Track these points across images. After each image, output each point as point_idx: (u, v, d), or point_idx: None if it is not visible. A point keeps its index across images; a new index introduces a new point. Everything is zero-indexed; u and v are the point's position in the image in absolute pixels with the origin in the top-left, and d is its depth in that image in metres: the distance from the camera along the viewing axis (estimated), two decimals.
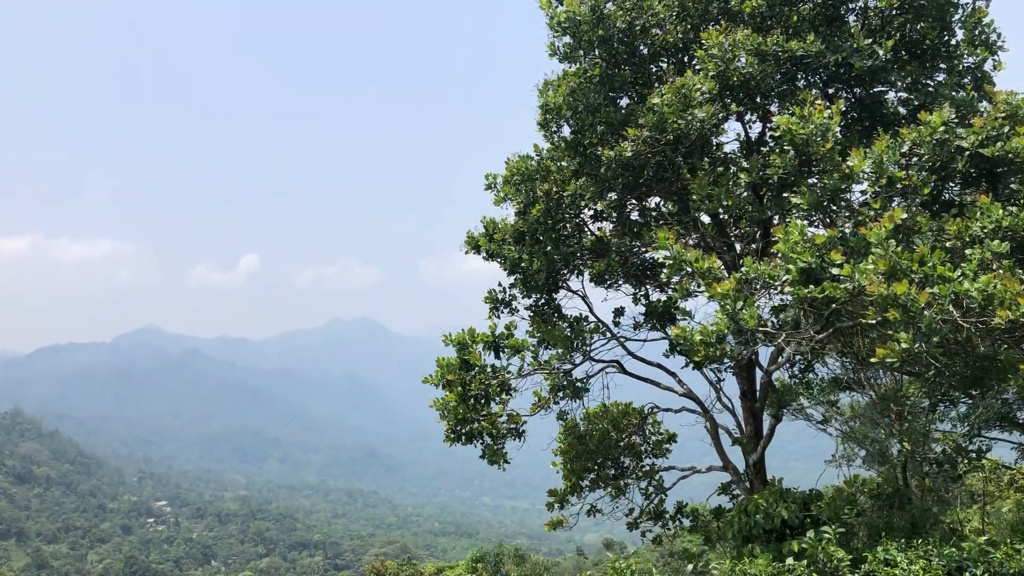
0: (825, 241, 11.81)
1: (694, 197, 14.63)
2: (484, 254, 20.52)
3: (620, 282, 21.08)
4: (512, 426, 19.47)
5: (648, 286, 21.35)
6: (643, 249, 19.78)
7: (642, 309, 21.28)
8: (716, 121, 14.84)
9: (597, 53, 16.75)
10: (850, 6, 15.87)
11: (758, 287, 12.40)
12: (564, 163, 18.02)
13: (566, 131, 17.74)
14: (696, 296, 21.27)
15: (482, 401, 18.98)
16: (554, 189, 17.83)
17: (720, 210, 15.29)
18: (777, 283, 12.04)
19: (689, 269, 12.52)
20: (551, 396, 19.84)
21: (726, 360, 16.62)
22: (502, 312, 20.81)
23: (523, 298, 20.89)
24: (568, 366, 19.84)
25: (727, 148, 18.25)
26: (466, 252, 20.58)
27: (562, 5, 16.89)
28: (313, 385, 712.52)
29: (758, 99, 15.26)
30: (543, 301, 20.72)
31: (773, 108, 15.74)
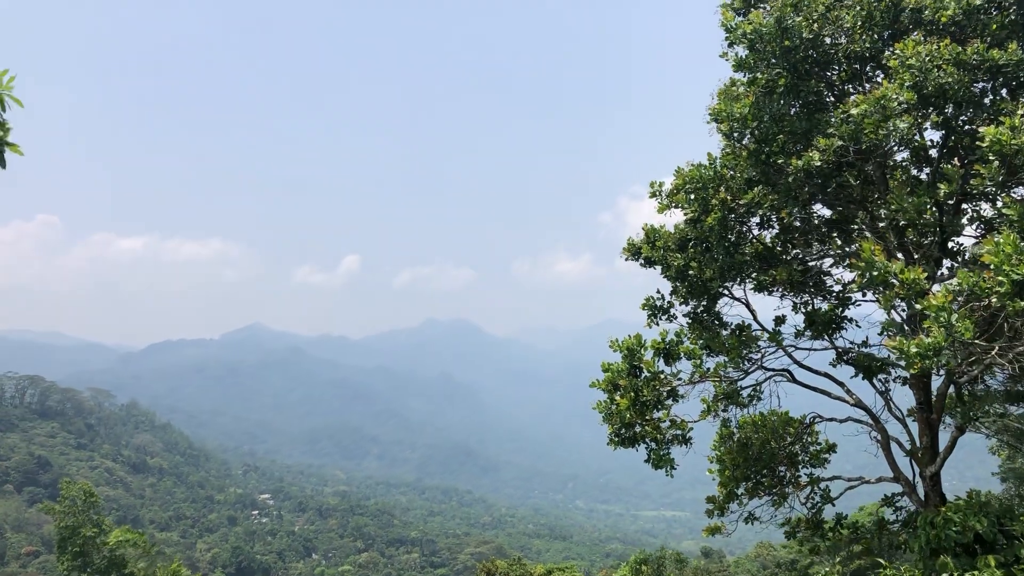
0: None
1: (892, 207, 14.51)
2: (642, 260, 20.72)
3: (780, 290, 20.89)
4: (678, 432, 19.56)
5: (810, 294, 21.14)
6: (811, 257, 19.66)
7: (801, 317, 21.08)
8: (915, 132, 14.69)
9: (779, 63, 16.72)
10: None
11: (962, 298, 12.25)
12: (736, 172, 18.03)
13: (746, 139, 17.66)
14: (859, 305, 21.22)
15: (648, 407, 19.10)
16: (729, 198, 17.89)
17: (908, 220, 15.05)
18: (988, 295, 11.87)
19: (895, 281, 12.45)
20: (717, 403, 19.86)
21: (941, 371, 16.33)
22: (660, 319, 20.95)
23: (680, 305, 21.00)
24: (739, 374, 19.85)
25: (897, 157, 18.05)
26: (626, 259, 20.79)
27: (746, 17, 16.98)
28: (410, 384, 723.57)
29: (952, 109, 14.98)
30: (702, 308, 20.77)
31: (963, 118, 15.43)
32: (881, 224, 17.20)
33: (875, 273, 12.51)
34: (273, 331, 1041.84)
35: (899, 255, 17.19)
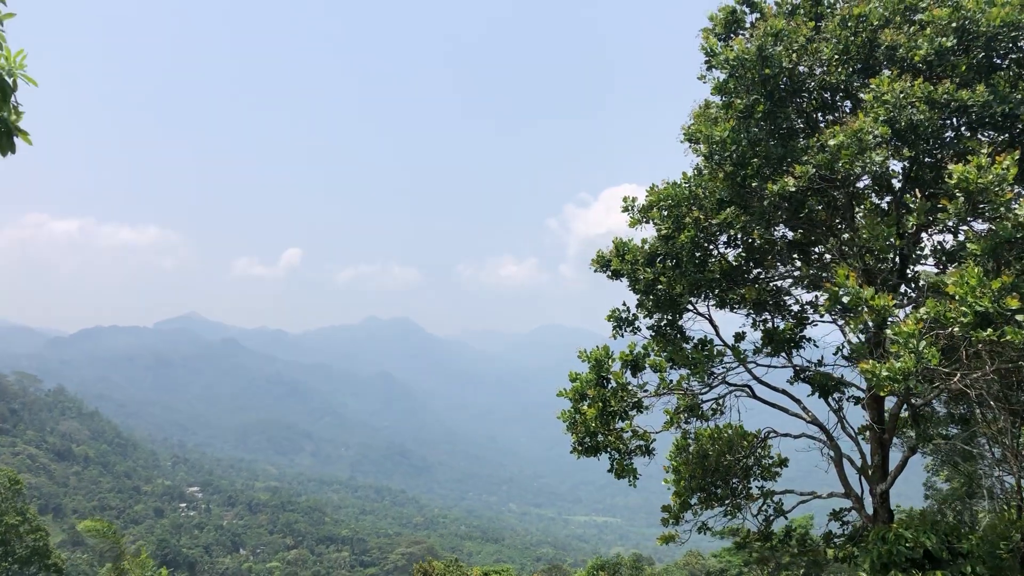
0: (1000, 287, 12.33)
1: (864, 234, 15.16)
2: (610, 272, 21.19)
3: (744, 308, 21.54)
4: (641, 443, 20.05)
5: (770, 312, 21.83)
6: (774, 278, 20.33)
7: (759, 334, 21.76)
8: (888, 164, 15.37)
9: (756, 90, 17.32)
10: (1012, 57, 16.24)
11: (927, 327, 12.90)
12: (709, 192, 18.56)
13: (723, 162, 18.17)
14: (816, 325, 22.00)
15: (614, 417, 19.56)
16: (702, 216, 18.43)
17: (876, 247, 15.73)
18: (951, 324, 12.53)
19: (865, 307, 13.04)
20: (680, 415, 20.40)
21: (916, 394, 16.98)
22: (625, 331, 21.44)
23: (644, 318, 21.52)
24: (703, 387, 20.42)
25: (859, 185, 18.79)
26: (595, 270, 21.23)
27: (726, 42, 17.55)
28: (348, 381, 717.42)
29: (923, 145, 15.72)
30: (666, 322, 21.31)
31: (927, 153, 16.19)
32: (849, 249, 17.90)
33: (847, 298, 13.11)
34: (209, 322, 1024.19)
35: (863, 280, 17.92)
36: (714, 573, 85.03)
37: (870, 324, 13.61)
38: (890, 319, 13.28)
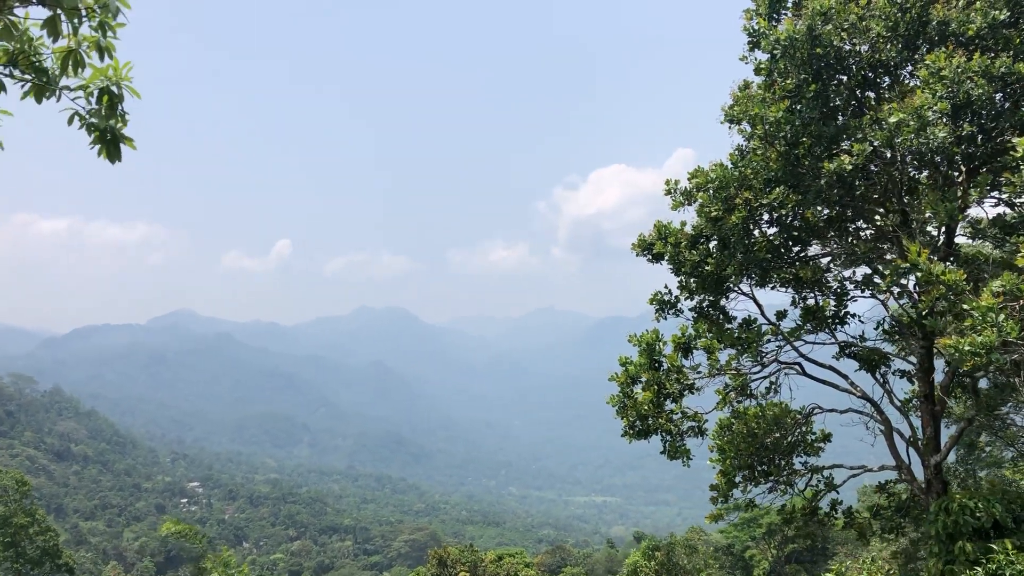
0: None
1: (928, 212, 15.27)
2: (650, 255, 21.28)
3: (787, 287, 21.62)
4: (693, 423, 20.18)
5: (811, 290, 21.87)
6: (819, 256, 20.44)
7: (797, 312, 21.83)
8: (951, 140, 15.39)
9: (804, 69, 17.35)
10: None
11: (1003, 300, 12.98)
12: (757, 172, 18.56)
13: (776, 142, 18.17)
14: (856, 301, 22.12)
15: (668, 399, 19.69)
16: (751, 197, 18.46)
17: (940, 223, 15.82)
18: None
19: (942, 284, 13.15)
20: (730, 396, 20.52)
21: (996, 367, 17.02)
22: (668, 313, 21.53)
23: (685, 300, 21.60)
24: (756, 367, 20.54)
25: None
26: (637, 254, 21.31)
27: (770, 22, 17.59)
28: (342, 372, 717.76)
29: (981, 120, 15.76)
30: (708, 303, 21.40)
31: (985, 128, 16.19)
32: (889, 227, 17.98)
33: (919, 273, 13.22)
34: (201, 317, 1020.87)
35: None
36: (721, 548, 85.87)
37: (943, 299, 13.69)
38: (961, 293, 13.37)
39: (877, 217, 19.10)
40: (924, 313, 14.35)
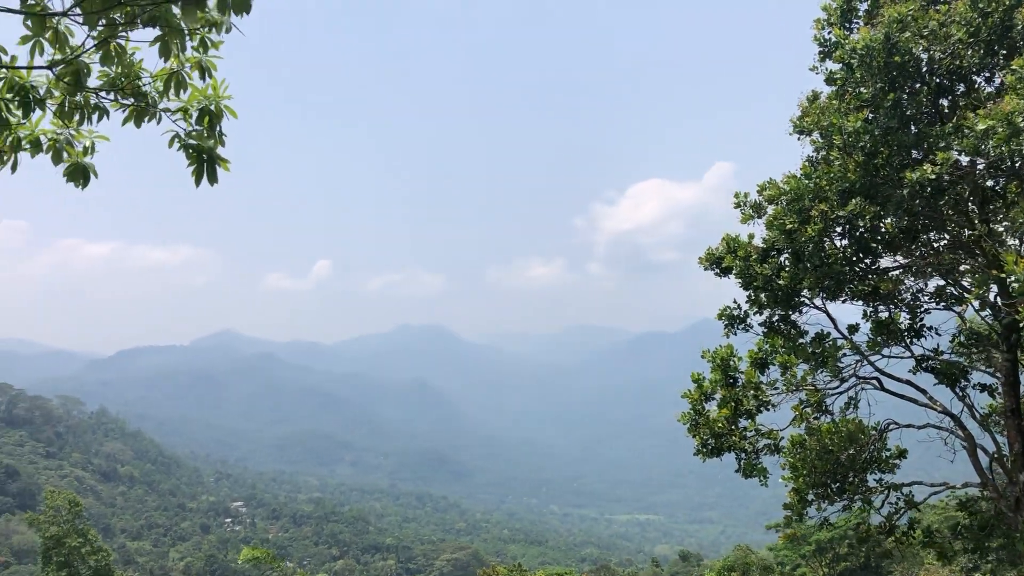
0: None
1: (1020, 220, 14.81)
2: (718, 270, 20.97)
3: (858, 300, 21.19)
4: (769, 441, 19.76)
5: (883, 302, 21.40)
6: (891, 268, 19.98)
7: (869, 326, 21.34)
8: None
9: (880, 78, 17.00)
10: None
11: None
12: (831, 183, 18.19)
13: (855, 153, 17.80)
14: (930, 313, 21.59)
15: (746, 416, 19.32)
16: (827, 209, 18.11)
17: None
18: None
19: None
20: (807, 412, 20.09)
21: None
22: (737, 328, 21.17)
23: (755, 314, 21.24)
24: (835, 382, 20.10)
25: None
26: (704, 268, 21.03)
27: (844, 31, 17.26)
28: (383, 390, 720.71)
29: None
30: (778, 317, 21.02)
31: None
32: (967, 239, 17.49)
33: (1017, 284, 12.78)
34: (244, 337, 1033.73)
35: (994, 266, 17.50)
36: (770, 567, 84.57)
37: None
38: None
39: (952, 226, 18.62)
40: (1021, 325, 13.85)
